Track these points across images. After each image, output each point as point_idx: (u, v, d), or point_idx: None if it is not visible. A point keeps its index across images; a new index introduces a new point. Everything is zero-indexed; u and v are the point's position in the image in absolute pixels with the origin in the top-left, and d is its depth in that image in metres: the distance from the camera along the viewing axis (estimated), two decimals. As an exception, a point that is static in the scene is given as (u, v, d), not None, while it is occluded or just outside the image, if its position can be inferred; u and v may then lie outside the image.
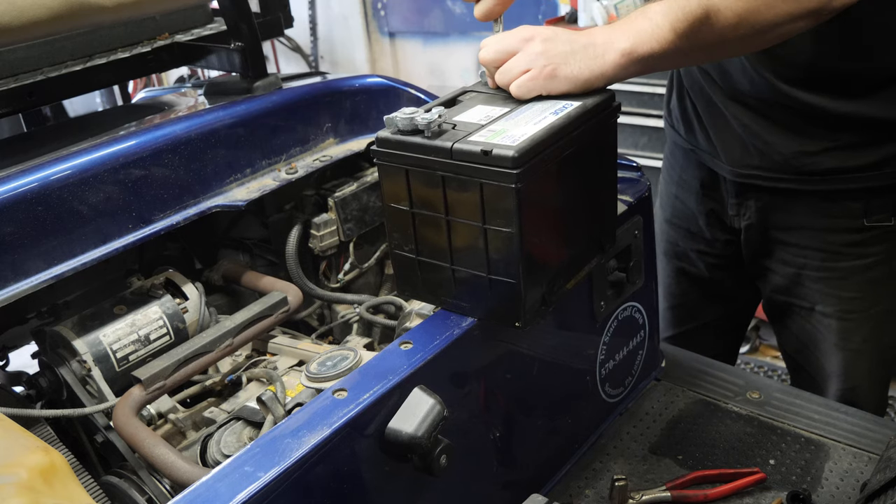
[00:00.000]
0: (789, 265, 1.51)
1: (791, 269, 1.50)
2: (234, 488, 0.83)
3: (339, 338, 1.51)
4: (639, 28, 1.06)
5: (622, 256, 1.32)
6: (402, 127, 1.01)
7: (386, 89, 1.58)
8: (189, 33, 1.68)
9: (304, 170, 1.45)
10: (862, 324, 1.48)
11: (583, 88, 1.06)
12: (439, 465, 0.95)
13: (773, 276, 1.55)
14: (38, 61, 1.47)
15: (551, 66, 1.05)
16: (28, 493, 0.68)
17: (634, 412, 1.44)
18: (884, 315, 1.48)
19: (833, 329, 1.49)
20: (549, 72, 1.05)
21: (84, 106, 3.80)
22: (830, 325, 1.49)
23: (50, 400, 1.27)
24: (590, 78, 1.06)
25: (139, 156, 1.28)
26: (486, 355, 1.11)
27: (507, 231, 0.97)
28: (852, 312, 1.47)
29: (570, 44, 1.06)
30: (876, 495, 1.03)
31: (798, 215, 1.45)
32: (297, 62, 4.82)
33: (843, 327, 1.48)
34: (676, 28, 1.06)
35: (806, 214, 1.44)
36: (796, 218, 1.45)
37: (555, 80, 1.05)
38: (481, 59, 1.11)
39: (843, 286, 1.45)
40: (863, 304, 1.46)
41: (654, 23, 1.06)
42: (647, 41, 1.06)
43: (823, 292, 1.48)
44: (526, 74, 1.05)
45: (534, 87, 1.05)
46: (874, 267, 1.43)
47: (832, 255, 1.44)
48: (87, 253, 1.22)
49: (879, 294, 1.46)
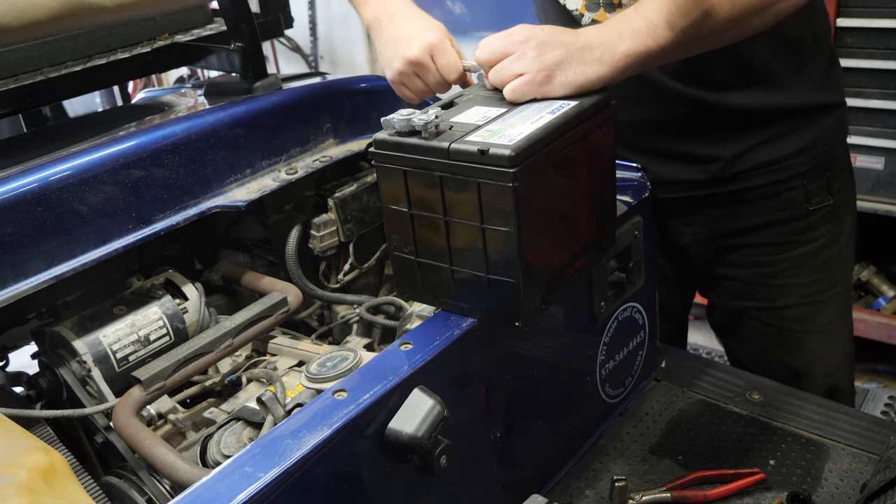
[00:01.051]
0: (743, 267, 1.49)
1: (746, 270, 1.49)
2: (234, 489, 0.83)
3: (339, 338, 1.51)
4: (634, 27, 1.06)
5: (622, 257, 1.32)
6: (399, 128, 1.01)
7: (386, 89, 1.58)
8: (189, 33, 1.68)
9: (303, 170, 1.45)
10: (824, 307, 1.48)
11: (578, 93, 1.06)
12: (439, 466, 0.95)
13: (726, 283, 1.53)
14: (38, 61, 1.47)
15: (545, 71, 1.05)
16: (28, 494, 0.68)
17: (634, 412, 1.44)
18: (842, 295, 1.51)
19: (797, 318, 1.49)
20: (544, 77, 1.05)
21: (84, 106, 3.80)
22: (794, 315, 1.49)
23: (50, 400, 1.27)
24: (585, 83, 1.06)
25: (139, 156, 1.28)
26: (486, 356, 1.11)
27: (506, 230, 0.97)
28: (813, 297, 1.47)
29: (565, 47, 1.05)
30: (876, 495, 1.03)
31: (744, 218, 1.44)
32: (297, 62, 4.81)
33: (806, 314, 1.48)
34: (672, 23, 1.05)
35: (751, 215, 1.44)
36: (742, 221, 1.45)
37: (550, 86, 1.05)
38: (477, 59, 1.11)
39: (800, 273, 1.46)
40: (821, 287, 1.47)
41: (648, 20, 1.06)
42: (644, 40, 1.05)
43: (782, 285, 1.47)
44: (520, 79, 1.05)
45: (528, 91, 1.05)
46: (824, 248, 1.45)
47: (784, 246, 1.44)
48: (87, 253, 1.22)
49: (833, 275, 1.48)
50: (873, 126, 2.52)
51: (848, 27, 2.44)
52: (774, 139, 1.37)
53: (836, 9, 2.43)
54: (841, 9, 2.43)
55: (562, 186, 1.06)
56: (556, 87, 1.05)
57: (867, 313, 2.78)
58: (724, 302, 1.57)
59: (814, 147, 1.38)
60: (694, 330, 3.14)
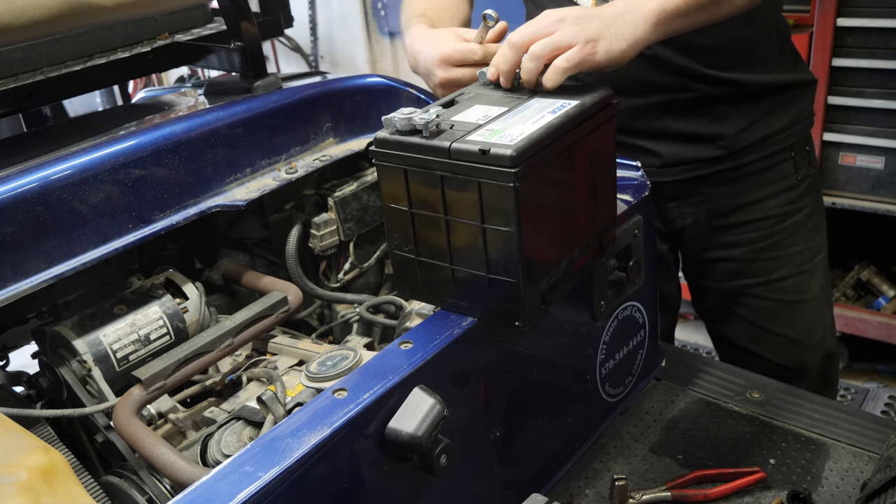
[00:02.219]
0: (739, 246, 1.57)
1: (741, 248, 1.57)
2: (235, 488, 0.83)
3: (339, 337, 1.51)
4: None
5: (622, 256, 1.32)
6: (400, 127, 1.01)
7: (386, 89, 1.58)
8: (189, 33, 1.68)
9: (304, 169, 1.45)
10: (814, 274, 1.59)
11: (620, 60, 1.10)
12: (439, 465, 0.95)
13: (722, 265, 1.60)
14: (38, 61, 1.47)
15: (591, 42, 1.08)
16: (28, 494, 0.68)
17: (634, 412, 1.44)
18: (825, 262, 1.63)
19: (792, 289, 1.58)
20: (591, 47, 1.07)
21: (84, 106, 3.80)
22: (789, 286, 1.57)
23: (50, 400, 1.27)
24: (627, 49, 1.10)
25: (139, 156, 1.28)
26: (486, 355, 1.11)
27: (506, 230, 0.97)
28: (804, 265, 1.57)
29: (600, 19, 1.09)
30: (876, 494, 1.03)
31: (741, 195, 1.54)
32: (297, 62, 4.81)
33: (800, 283, 1.58)
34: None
35: (748, 191, 1.53)
36: (740, 198, 1.54)
37: (597, 56, 1.08)
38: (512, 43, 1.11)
39: (792, 243, 1.56)
40: (810, 255, 1.58)
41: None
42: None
43: (777, 257, 1.56)
44: (571, 50, 1.07)
45: (581, 60, 1.07)
46: (809, 217, 1.57)
47: (777, 218, 1.55)
48: (87, 253, 1.22)
49: (818, 242, 1.60)
50: (873, 126, 2.52)
51: (848, 27, 2.44)
52: (769, 114, 1.49)
53: (836, 9, 2.43)
54: (841, 9, 2.43)
55: (562, 186, 1.06)
56: (601, 56, 1.08)
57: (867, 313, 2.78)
58: (721, 284, 1.63)
59: (798, 121, 1.53)
60: (694, 330, 3.15)
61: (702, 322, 1.81)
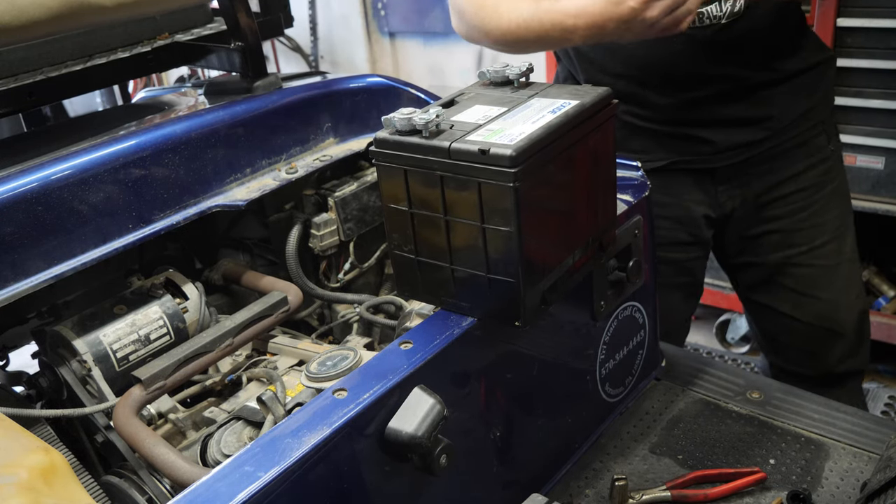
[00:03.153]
0: (782, 218, 1.66)
1: (784, 220, 1.66)
2: (234, 488, 0.83)
3: (339, 337, 1.51)
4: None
5: (622, 256, 1.32)
6: (399, 127, 1.01)
7: (386, 89, 1.58)
8: (189, 33, 1.68)
9: (304, 169, 1.45)
10: (847, 236, 1.70)
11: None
12: (439, 465, 0.95)
13: (767, 238, 1.68)
14: (38, 61, 1.47)
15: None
16: (28, 493, 0.68)
17: (634, 412, 1.44)
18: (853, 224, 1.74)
19: (831, 252, 1.68)
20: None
21: (84, 106, 3.80)
22: (829, 250, 1.67)
23: (50, 400, 1.27)
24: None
25: (139, 156, 1.28)
26: (486, 355, 1.11)
27: (506, 230, 0.97)
28: (839, 229, 1.69)
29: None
30: (876, 495, 1.03)
31: (782, 170, 1.64)
32: (297, 62, 4.81)
33: (837, 247, 1.69)
34: None
35: (790, 165, 1.64)
36: (781, 173, 1.64)
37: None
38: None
39: (830, 209, 1.67)
40: (843, 220, 1.70)
41: None
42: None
43: (818, 224, 1.66)
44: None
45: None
46: (842, 183, 1.70)
47: (815, 188, 1.65)
48: (87, 253, 1.22)
49: (846, 207, 1.72)
50: (873, 126, 2.51)
51: (848, 27, 2.44)
52: (804, 92, 1.61)
53: (836, 9, 2.43)
54: (841, 9, 2.43)
55: (562, 186, 1.06)
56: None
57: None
58: (764, 258, 1.71)
59: (827, 95, 1.67)
60: (694, 330, 3.15)
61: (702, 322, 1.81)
